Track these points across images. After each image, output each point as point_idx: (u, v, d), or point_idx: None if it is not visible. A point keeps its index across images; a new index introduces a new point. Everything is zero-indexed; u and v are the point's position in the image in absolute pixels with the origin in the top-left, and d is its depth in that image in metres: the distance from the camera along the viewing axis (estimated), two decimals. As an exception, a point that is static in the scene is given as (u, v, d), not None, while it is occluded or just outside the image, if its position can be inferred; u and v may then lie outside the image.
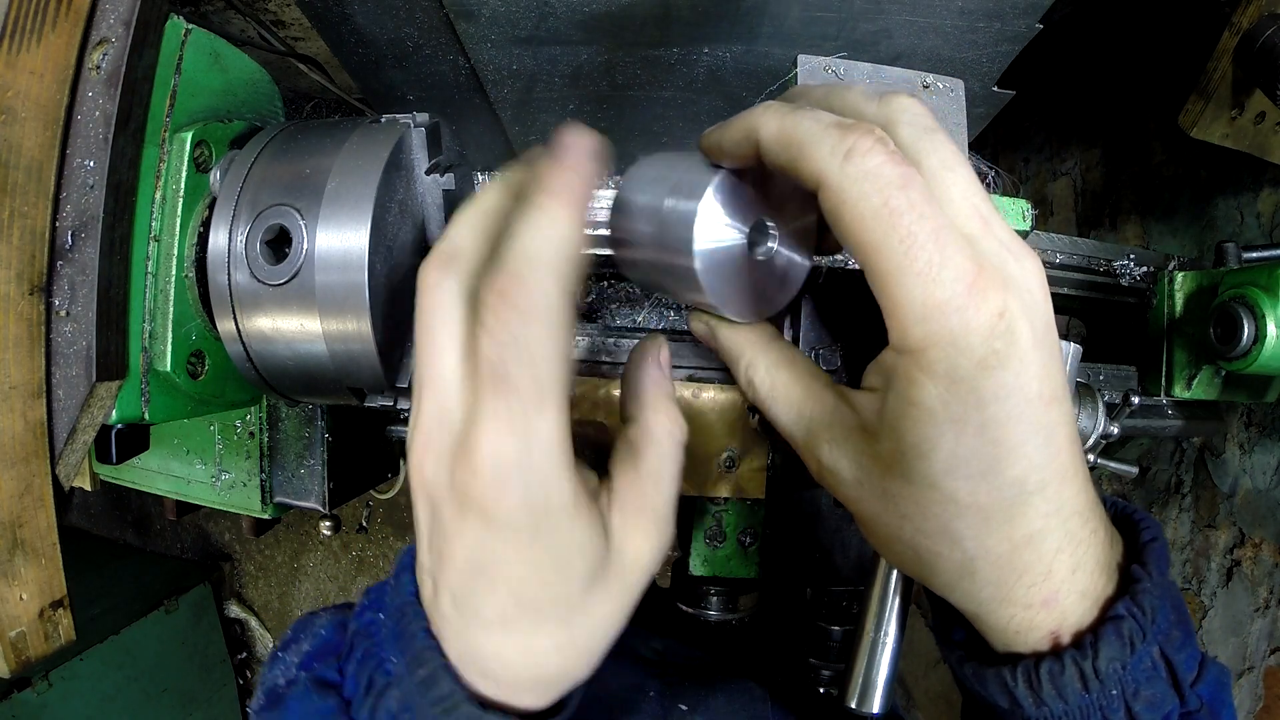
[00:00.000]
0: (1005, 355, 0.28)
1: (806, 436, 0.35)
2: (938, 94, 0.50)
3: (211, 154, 0.46)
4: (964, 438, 0.29)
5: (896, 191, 0.28)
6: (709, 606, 0.70)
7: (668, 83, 0.86)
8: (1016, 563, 0.32)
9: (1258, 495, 1.03)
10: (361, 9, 0.74)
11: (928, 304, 0.28)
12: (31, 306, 0.38)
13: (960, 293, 0.28)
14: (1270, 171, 1.01)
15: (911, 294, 0.28)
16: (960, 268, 0.28)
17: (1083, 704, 0.32)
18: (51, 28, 0.38)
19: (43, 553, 0.40)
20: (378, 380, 0.45)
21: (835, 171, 0.29)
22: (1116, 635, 0.32)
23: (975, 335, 0.28)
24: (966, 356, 0.28)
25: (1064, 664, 0.32)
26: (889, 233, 0.28)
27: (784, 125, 0.31)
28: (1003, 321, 0.28)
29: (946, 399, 0.29)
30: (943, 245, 0.28)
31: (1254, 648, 1.02)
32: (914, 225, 0.28)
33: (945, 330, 0.28)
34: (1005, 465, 0.30)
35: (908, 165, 0.29)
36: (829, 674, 0.67)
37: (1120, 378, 0.79)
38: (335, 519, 0.71)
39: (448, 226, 0.33)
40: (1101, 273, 0.76)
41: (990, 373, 0.28)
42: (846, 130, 0.29)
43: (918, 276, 0.28)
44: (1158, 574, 0.33)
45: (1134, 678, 0.32)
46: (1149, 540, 0.35)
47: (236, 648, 2.63)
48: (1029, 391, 0.29)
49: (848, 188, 0.28)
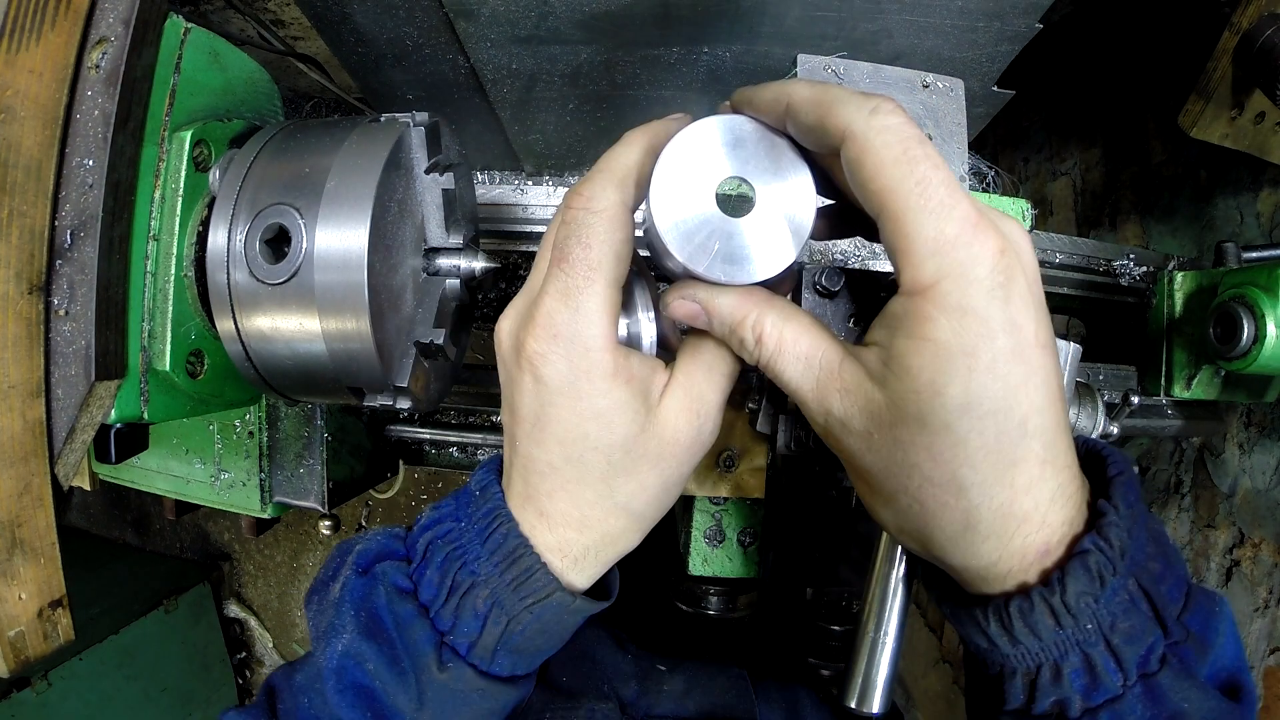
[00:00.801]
0: (1009, 290, 0.31)
1: (816, 388, 0.36)
2: (938, 94, 0.50)
3: (211, 153, 0.46)
4: (976, 373, 0.31)
5: (914, 143, 0.32)
6: (708, 606, 0.70)
7: (668, 83, 0.86)
8: (1016, 510, 0.33)
9: (1257, 495, 1.03)
10: (361, 8, 0.74)
11: (939, 239, 0.31)
12: (30, 306, 0.38)
13: (968, 229, 0.31)
14: (1270, 171, 1.01)
15: (924, 230, 0.31)
16: (966, 209, 0.31)
17: (1057, 639, 0.33)
18: (51, 27, 0.38)
19: (42, 552, 0.40)
20: (377, 379, 0.44)
21: (862, 122, 0.32)
22: (1084, 569, 0.32)
23: (982, 267, 0.31)
24: (975, 286, 0.31)
25: (1033, 601, 0.33)
26: (907, 175, 0.31)
27: (815, 89, 0.35)
28: (1004, 258, 0.31)
29: (959, 330, 0.31)
30: (952, 190, 0.31)
31: (1253, 648, 1.02)
32: (929, 171, 0.31)
33: (955, 262, 0.31)
34: (1013, 403, 0.31)
35: (922, 130, 0.32)
36: (829, 674, 0.67)
37: (1120, 378, 0.79)
38: (335, 518, 0.71)
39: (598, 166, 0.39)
40: (1101, 272, 0.76)
41: (997, 304, 0.31)
42: (870, 95, 0.33)
43: (931, 214, 0.31)
44: (1125, 507, 0.34)
45: (1109, 610, 0.33)
46: (1115, 474, 0.36)
47: (236, 647, 2.63)
48: (1028, 331, 0.31)
49: (872, 137, 0.32)
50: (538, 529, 0.39)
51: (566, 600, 0.38)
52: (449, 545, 0.39)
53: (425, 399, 0.48)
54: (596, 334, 0.36)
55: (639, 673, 0.65)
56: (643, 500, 0.39)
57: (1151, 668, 0.33)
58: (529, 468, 0.38)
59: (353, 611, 0.39)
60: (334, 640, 0.39)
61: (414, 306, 0.47)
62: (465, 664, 0.38)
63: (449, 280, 0.49)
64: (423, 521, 0.41)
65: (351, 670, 0.38)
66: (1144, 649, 0.33)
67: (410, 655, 0.38)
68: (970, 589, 0.36)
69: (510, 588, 0.37)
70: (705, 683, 0.65)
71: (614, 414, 0.37)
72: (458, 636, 0.38)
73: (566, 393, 0.36)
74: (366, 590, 0.40)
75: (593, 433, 0.37)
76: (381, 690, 0.38)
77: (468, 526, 0.39)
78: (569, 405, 0.37)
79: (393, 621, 0.38)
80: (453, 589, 0.38)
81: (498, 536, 0.38)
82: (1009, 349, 0.31)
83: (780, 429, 0.46)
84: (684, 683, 0.64)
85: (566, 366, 0.36)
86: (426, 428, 0.75)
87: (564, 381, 0.36)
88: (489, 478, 0.41)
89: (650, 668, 0.66)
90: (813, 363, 0.36)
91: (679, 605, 0.72)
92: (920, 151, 0.31)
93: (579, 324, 0.36)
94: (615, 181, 0.37)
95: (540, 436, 0.38)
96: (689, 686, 0.64)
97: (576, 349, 0.36)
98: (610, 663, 0.65)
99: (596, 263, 0.36)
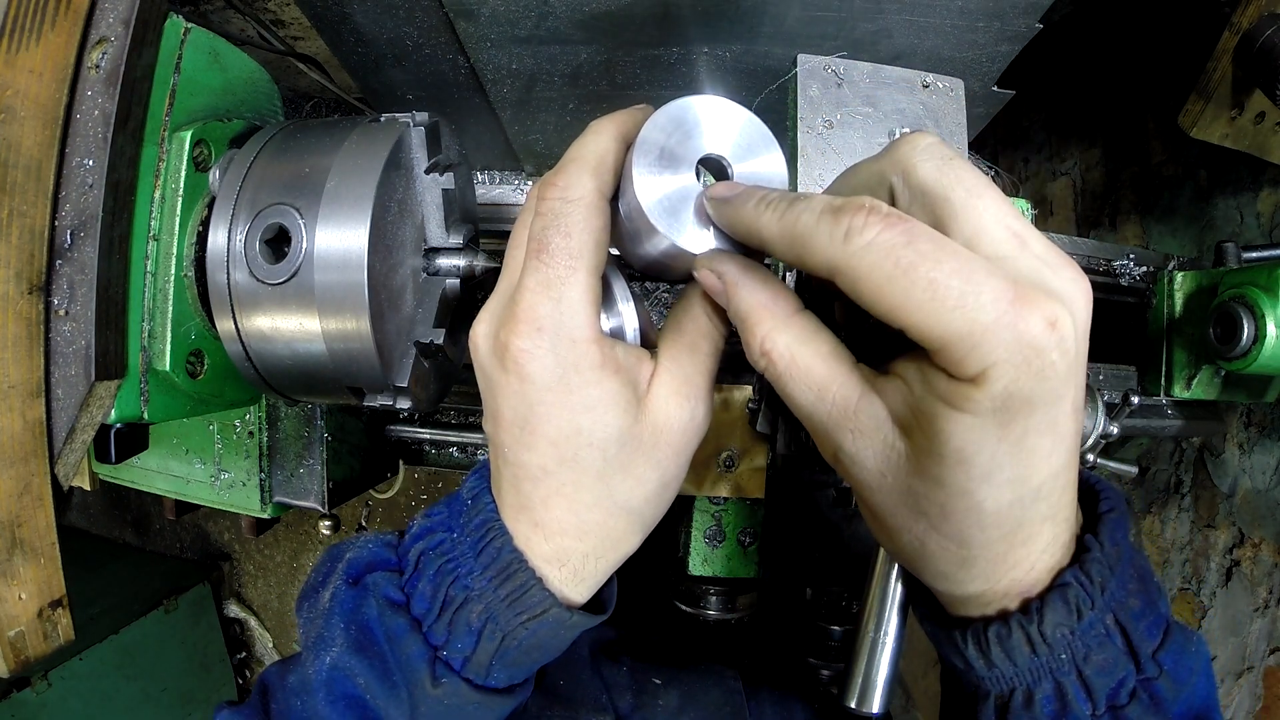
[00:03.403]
0: (1059, 366, 0.28)
1: (827, 422, 0.33)
2: (938, 94, 0.50)
3: (211, 153, 0.46)
4: (1004, 444, 0.29)
5: (903, 250, 0.28)
6: (708, 606, 0.70)
7: (668, 83, 0.86)
8: (1010, 559, 0.33)
9: (1257, 495, 1.03)
10: (361, 8, 0.74)
11: (974, 331, 0.27)
12: (30, 306, 0.38)
13: (1005, 310, 0.27)
14: (1270, 171, 1.01)
15: (954, 328, 0.27)
16: (996, 290, 0.27)
17: (1032, 666, 0.34)
18: (51, 27, 0.38)
19: (42, 552, 0.40)
20: (377, 379, 0.44)
21: (841, 256, 0.29)
22: (1063, 601, 0.33)
23: (1031, 349, 0.27)
24: (1024, 370, 0.27)
25: (1010, 628, 0.33)
26: (910, 288, 0.27)
27: (784, 225, 0.31)
28: (1055, 332, 0.27)
29: (1000, 411, 0.28)
30: (969, 276, 0.27)
31: (1253, 648, 1.02)
32: (932, 272, 0.27)
33: (1002, 348, 0.27)
34: (1033, 473, 0.30)
35: (907, 221, 0.29)
36: (829, 674, 0.67)
37: (1120, 378, 0.79)
38: (335, 518, 0.71)
39: (567, 156, 0.38)
40: (1101, 272, 0.76)
41: (1046, 384, 0.28)
42: (838, 213, 0.29)
43: (954, 311, 0.27)
44: (1110, 544, 0.34)
45: (1084, 643, 0.33)
46: (1106, 510, 0.36)
47: (236, 647, 2.63)
48: (1067, 401, 0.29)
49: (856, 265, 0.29)
50: (533, 540, 0.37)
51: (563, 616, 0.37)
52: (441, 557, 0.38)
53: (425, 399, 0.48)
54: (582, 324, 0.34)
55: (634, 685, 0.65)
56: (641, 497, 0.38)
57: (1121, 700, 0.34)
58: (520, 475, 0.37)
59: (342, 624, 0.38)
60: (323, 653, 0.38)
61: (414, 306, 0.47)
62: (460, 678, 0.37)
63: (449, 280, 0.49)
64: (414, 530, 0.40)
65: (341, 683, 0.37)
66: (1114, 682, 0.34)
67: (403, 670, 0.37)
68: (952, 610, 0.37)
69: (505, 603, 0.36)
70: (700, 696, 0.65)
71: (606, 405, 0.35)
72: (452, 652, 0.37)
73: (555, 388, 0.35)
74: (357, 602, 0.38)
75: (586, 427, 0.35)
76: (373, 704, 0.37)
77: (460, 538, 0.38)
78: (559, 401, 0.35)
79: (384, 635, 0.37)
80: (446, 603, 0.37)
81: (491, 550, 0.37)
82: (1044, 425, 0.29)
83: (780, 430, 0.46)
84: (679, 697, 0.64)
85: (553, 360, 0.34)
86: (426, 428, 0.75)
87: (552, 377, 0.34)
88: (480, 485, 0.40)
89: (645, 680, 0.66)
90: (825, 396, 0.33)
91: (679, 605, 0.72)
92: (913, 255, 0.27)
93: (563, 315, 0.34)
94: (590, 169, 0.35)
95: (530, 440, 0.36)
96: (683, 702, 0.64)
97: (562, 341, 0.34)
98: (607, 674, 0.65)
99: (578, 251, 0.34)
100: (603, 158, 0.36)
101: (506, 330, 0.35)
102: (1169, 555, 1.19)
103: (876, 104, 0.46)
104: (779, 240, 0.32)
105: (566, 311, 0.34)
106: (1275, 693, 0.99)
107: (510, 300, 0.35)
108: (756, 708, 0.66)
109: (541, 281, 0.34)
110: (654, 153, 0.35)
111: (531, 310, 0.34)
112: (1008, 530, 0.32)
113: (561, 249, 0.34)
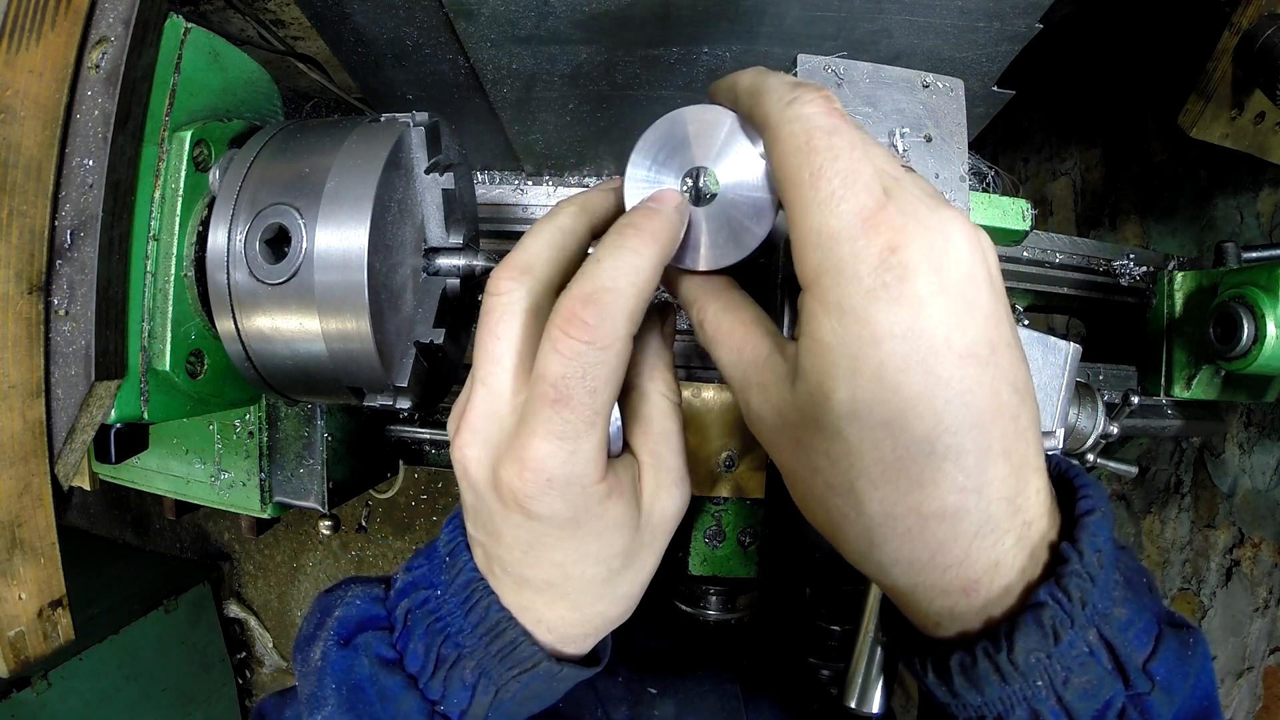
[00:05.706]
0: (897, 292, 0.28)
1: (741, 381, 0.35)
2: (937, 94, 0.50)
3: (210, 153, 0.46)
4: (861, 379, 0.28)
5: (820, 133, 0.30)
6: (708, 606, 0.70)
7: (668, 82, 0.86)
8: (927, 538, 0.30)
9: (1257, 495, 1.03)
10: (361, 8, 0.74)
11: (822, 232, 0.29)
12: (30, 306, 0.38)
13: (853, 224, 0.28)
14: (1270, 171, 1.01)
15: (811, 223, 0.29)
16: (859, 202, 0.29)
17: (1003, 695, 0.30)
18: (51, 26, 0.38)
19: (41, 552, 0.40)
20: (377, 379, 0.44)
21: (776, 114, 0.31)
22: (1036, 625, 0.29)
23: (863, 264, 0.28)
24: (854, 285, 0.28)
25: (975, 656, 0.30)
26: (802, 166, 0.29)
27: (756, 79, 0.34)
28: (894, 256, 0.28)
29: (839, 331, 0.29)
30: (849, 183, 0.29)
31: (1253, 648, 1.02)
32: (825, 163, 0.29)
33: (835, 258, 0.29)
34: (908, 419, 0.28)
35: (844, 120, 0.30)
36: (829, 674, 0.67)
37: (1120, 378, 0.79)
38: (334, 519, 0.71)
39: (524, 237, 0.36)
40: (1101, 272, 0.77)
41: (879, 306, 0.28)
42: (799, 85, 0.32)
43: (818, 206, 0.29)
44: (1091, 551, 0.30)
45: (1063, 666, 0.30)
46: (1085, 512, 0.32)
47: (236, 647, 2.63)
48: (932, 337, 0.28)
49: (782, 126, 0.31)
50: (528, 612, 0.37)
51: (554, 669, 0.37)
52: (430, 616, 0.38)
53: (425, 399, 0.48)
54: (593, 472, 0.33)
55: (630, 696, 0.64)
56: (640, 583, 0.39)
57: None
58: (523, 584, 0.36)
59: (334, 684, 0.38)
60: (316, 713, 0.38)
61: (414, 306, 0.47)
62: None
63: (449, 280, 0.49)
64: (399, 586, 0.40)
65: None
66: (1100, 704, 0.30)
67: None
68: (911, 620, 0.34)
69: (496, 659, 0.36)
70: (697, 703, 0.65)
71: (613, 529, 0.35)
72: (449, 705, 0.37)
73: (565, 527, 0.34)
74: (348, 663, 0.38)
75: (594, 552, 0.35)
76: None
77: (446, 596, 0.38)
78: (569, 535, 0.35)
79: (376, 695, 0.37)
80: (439, 661, 0.37)
81: (479, 611, 0.37)
82: (901, 356, 0.28)
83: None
84: (675, 707, 0.64)
85: (563, 505, 0.33)
86: (426, 428, 0.75)
87: (563, 519, 0.34)
88: (456, 539, 0.39)
89: (641, 691, 0.65)
90: (742, 355, 0.34)
91: (679, 605, 0.72)
92: (823, 141, 0.29)
93: (576, 466, 0.32)
94: (625, 312, 0.32)
95: (534, 561, 0.35)
96: (680, 709, 0.64)
97: (574, 489, 0.33)
98: (602, 686, 0.65)
99: (602, 407, 0.32)
100: (644, 287, 0.32)
101: (509, 472, 0.33)
102: (1169, 555, 1.19)
103: (876, 104, 0.46)
104: (744, 89, 0.34)
105: (580, 462, 0.33)
106: (1275, 693, 0.99)
107: (513, 437, 0.33)
108: (754, 711, 0.66)
109: (558, 433, 0.32)
110: (646, 165, 0.37)
111: (542, 461, 0.32)
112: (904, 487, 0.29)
113: (586, 406, 0.32)
